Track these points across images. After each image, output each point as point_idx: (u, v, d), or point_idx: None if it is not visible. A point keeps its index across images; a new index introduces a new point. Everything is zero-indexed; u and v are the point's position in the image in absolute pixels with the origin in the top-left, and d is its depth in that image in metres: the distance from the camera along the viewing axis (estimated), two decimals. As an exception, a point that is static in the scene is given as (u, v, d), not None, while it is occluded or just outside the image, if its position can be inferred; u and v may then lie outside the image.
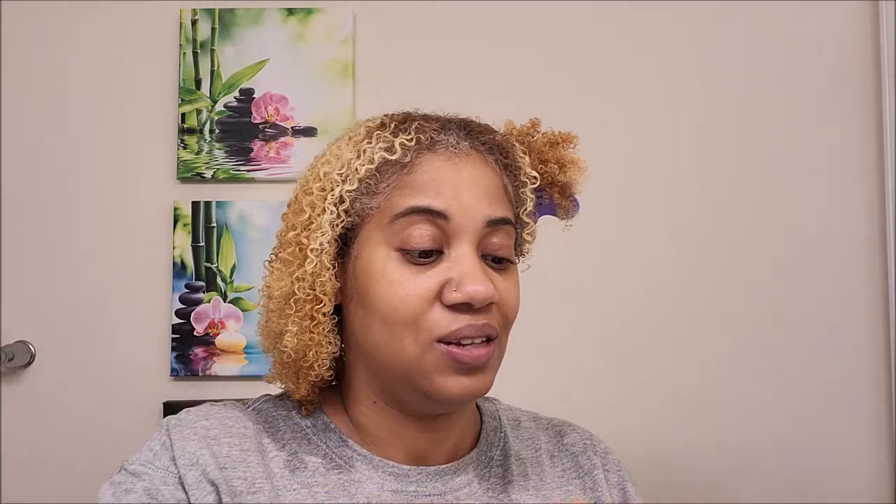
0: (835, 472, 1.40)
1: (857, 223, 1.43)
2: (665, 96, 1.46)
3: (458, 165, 0.67)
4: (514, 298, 0.70)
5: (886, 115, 1.41)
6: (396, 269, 0.65)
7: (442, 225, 0.65)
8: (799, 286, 1.43)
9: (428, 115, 0.72)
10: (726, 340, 1.43)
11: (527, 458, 0.77)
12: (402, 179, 0.67)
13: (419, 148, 0.67)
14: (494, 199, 0.68)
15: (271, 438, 0.70)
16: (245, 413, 0.72)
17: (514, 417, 0.82)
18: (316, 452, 0.69)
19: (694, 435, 1.41)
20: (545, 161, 0.74)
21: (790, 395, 1.41)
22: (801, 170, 1.44)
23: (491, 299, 0.65)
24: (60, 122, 1.49)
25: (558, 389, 1.40)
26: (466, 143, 0.69)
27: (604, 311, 1.44)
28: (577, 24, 1.48)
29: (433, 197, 0.66)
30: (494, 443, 0.77)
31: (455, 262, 0.65)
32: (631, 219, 1.44)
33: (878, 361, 1.41)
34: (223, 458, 0.66)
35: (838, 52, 1.45)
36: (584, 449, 0.80)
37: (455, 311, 0.64)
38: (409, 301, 0.64)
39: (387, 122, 0.70)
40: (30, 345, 1.45)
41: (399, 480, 0.69)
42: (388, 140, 0.67)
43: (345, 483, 0.67)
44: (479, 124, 0.72)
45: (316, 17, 1.48)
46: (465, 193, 0.66)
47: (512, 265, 0.70)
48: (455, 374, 0.65)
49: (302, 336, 0.67)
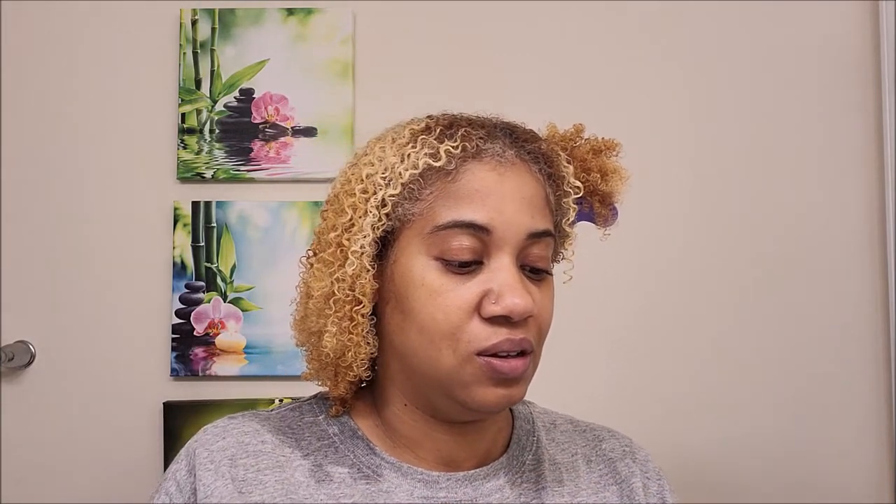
0: (835, 473, 1.40)
1: (857, 223, 1.43)
2: (664, 96, 1.46)
3: (503, 176, 0.66)
4: (549, 311, 0.70)
5: (886, 115, 1.41)
6: (436, 278, 0.65)
7: (483, 238, 0.65)
8: (799, 286, 1.43)
9: (474, 119, 0.71)
10: (726, 341, 1.43)
11: (562, 463, 0.76)
12: (447, 188, 0.66)
13: (464, 156, 0.66)
14: (537, 210, 0.67)
15: (294, 448, 0.70)
16: (265, 424, 0.72)
17: (550, 421, 0.81)
18: (343, 462, 0.69)
19: (693, 435, 1.41)
20: (588, 170, 0.74)
21: (790, 395, 1.41)
22: (801, 170, 1.44)
23: (530, 313, 0.65)
24: (60, 122, 1.49)
25: (560, 390, 1.40)
26: (512, 151, 0.68)
27: (603, 312, 1.44)
28: (577, 24, 1.48)
29: (477, 209, 0.65)
30: (527, 447, 0.76)
31: (495, 274, 0.65)
32: (630, 219, 1.44)
33: (878, 361, 1.41)
34: (239, 483, 0.66)
35: (838, 52, 1.45)
36: (623, 455, 0.79)
37: (494, 324, 0.64)
38: (448, 312, 0.64)
39: (432, 125, 0.69)
40: (30, 345, 1.45)
41: (429, 487, 0.68)
42: (434, 146, 0.67)
43: (373, 493, 0.67)
44: (525, 131, 0.71)
45: (316, 17, 1.48)
46: (509, 205, 0.66)
47: (549, 276, 0.70)
48: (492, 386, 0.65)
49: (341, 336, 0.67)
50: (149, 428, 1.43)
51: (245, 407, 1.40)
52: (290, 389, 1.41)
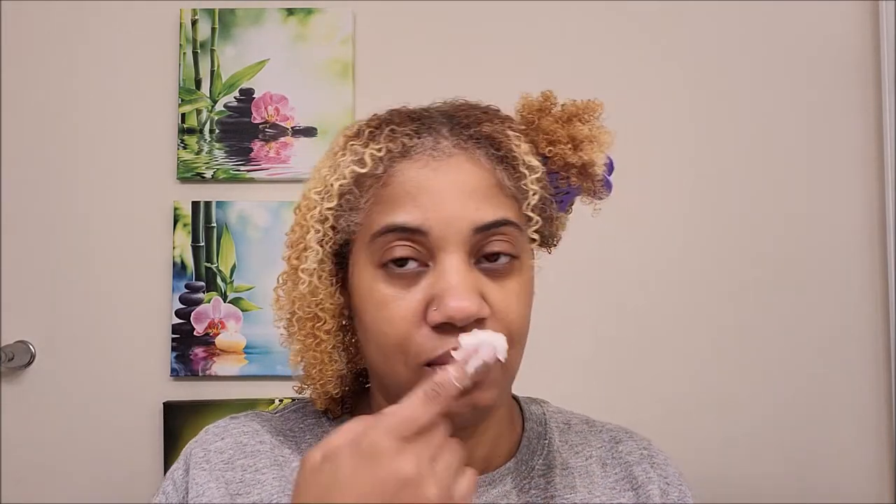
0: (835, 473, 1.40)
1: (857, 223, 1.43)
2: (665, 96, 1.46)
3: (436, 171, 0.61)
4: (516, 309, 0.62)
5: (886, 115, 1.41)
6: (382, 289, 0.61)
7: (422, 240, 0.60)
8: (799, 286, 1.43)
9: (409, 112, 0.66)
10: (726, 341, 1.42)
11: (575, 467, 0.71)
12: (380, 192, 0.62)
13: (392, 156, 0.62)
14: (484, 200, 0.61)
15: (294, 450, 0.69)
16: (266, 424, 0.71)
17: (565, 421, 0.76)
18: None
19: (693, 435, 1.41)
20: (554, 141, 0.66)
21: (790, 395, 1.41)
22: (801, 170, 1.44)
23: (475, 316, 0.59)
24: (60, 122, 1.49)
25: (556, 388, 1.40)
26: (448, 141, 0.63)
27: (603, 312, 1.44)
28: (577, 23, 1.48)
29: (409, 211, 0.60)
30: (537, 451, 0.72)
31: (438, 277, 0.60)
32: (630, 218, 1.44)
33: (878, 362, 1.41)
34: (236, 485, 0.65)
35: (838, 52, 1.45)
36: (641, 459, 0.74)
37: (441, 332, 0.59)
38: (394, 323, 0.60)
39: (363, 128, 0.65)
40: (30, 345, 1.45)
41: None
42: (359, 152, 0.62)
43: None
44: (469, 114, 0.65)
45: (316, 17, 1.48)
46: (447, 201, 0.60)
47: (516, 271, 0.63)
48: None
49: (306, 354, 0.67)
50: (149, 428, 1.43)
51: (245, 407, 1.40)
52: (290, 389, 1.40)
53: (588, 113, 0.68)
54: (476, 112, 0.65)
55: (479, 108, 0.66)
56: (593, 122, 0.67)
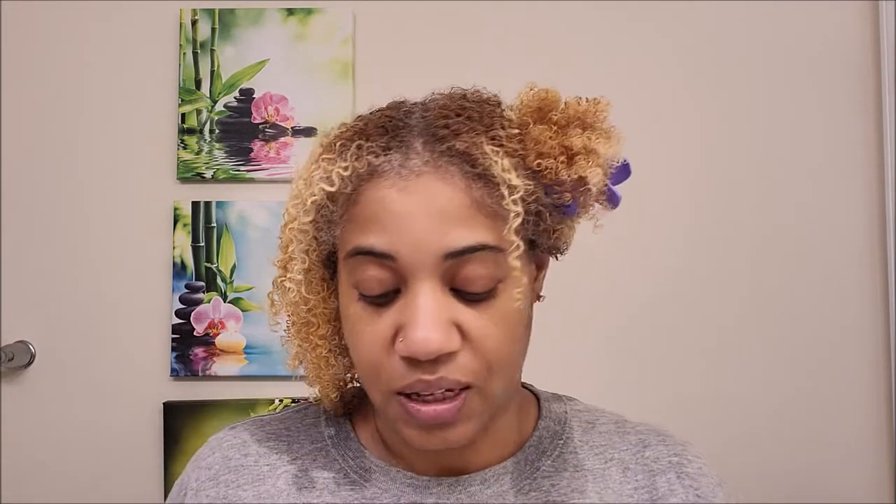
0: (835, 473, 1.40)
1: (857, 223, 1.43)
2: (665, 96, 1.46)
3: (404, 191, 0.56)
4: (496, 336, 0.58)
5: (886, 115, 1.41)
6: (357, 309, 0.59)
7: (391, 265, 0.56)
8: (799, 285, 1.43)
9: (384, 122, 0.61)
10: (725, 341, 1.42)
11: (590, 470, 0.66)
12: (351, 211, 0.58)
13: (360, 175, 0.58)
14: (456, 224, 0.56)
15: (283, 453, 0.68)
16: (258, 432, 0.70)
17: (590, 420, 0.71)
18: (331, 467, 0.66)
19: (693, 435, 1.41)
20: (544, 154, 0.58)
21: (790, 395, 1.41)
22: (801, 170, 1.44)
23: (439, 352, 0.55)
24: (60, 122, 1.49)
25: (560, 389, 1.40)
26: (418, 158, 0.57)
27: (602, 311, 1.44)
28: (578, 24, 1.48)
29: (377, 234, 0.56)
30: (548, 451, 0.67)
31: (407, 304, 0.56)
32: (630, 218, 1.44)
33: (878, 361, 1.41)
34: (219, 502, 0.66)
35: (838, 52, 1.45)
36: (667, 468, 0.67)
37: (408, 362, 0.56)
38: (366, 347, 0.58)
39: (335, 141, 0.61)
40: (30, 345, 1.45)
41: (418, 492, 0.64)
42: (327, 170, 0.59)
43: (356, 499, 0.64)
44: (448, 123, 0.58)
45: (316, 17, 1.48)
46: (413, 226, 0.55)
47: (499, 295, 0.58)
48: (417, 429, 0.58)
49: (303, 357, 0.67)
50: (149, 428, 1.43)
51: (245, 407, 1.40)
52: (290, 389, 1.41)
53: (591, 116, 0.61)
54: (457, 121, 0.58)
55: (463, 114, 0.59)
56: (596, 128, 0.61)
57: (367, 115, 0.64)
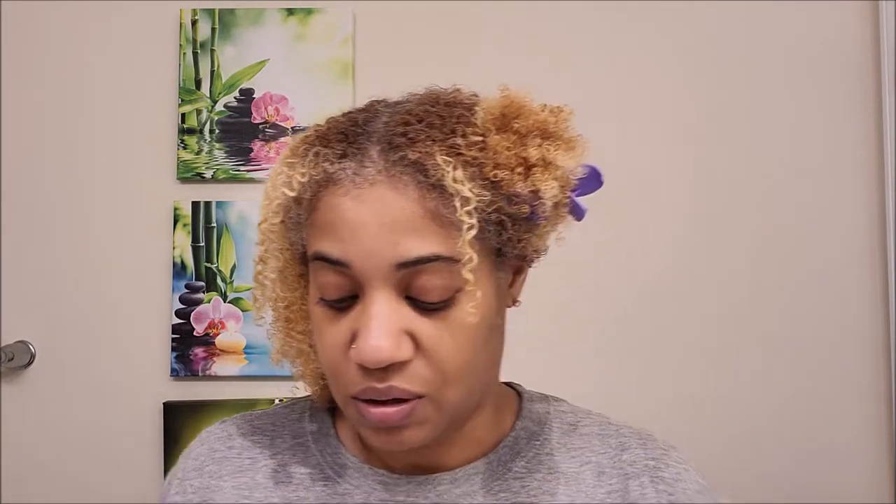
0: (835, 473, 1.40)
1: (857, 223, 1.43)
2: (665, 95, 1.46)
3: (358, 199, 0.56)
4: (450, 345, 0.57)
5: (886, 115, 1.41)
6: (319, 311, 0.60)
7: (346, 272, 0.57)
8: (799, 286, 1.43)
9: (344, 129, 0.60)
10: (725, 341, 1.42)
11: (564, 473, 0.65)
12: (312, 216, 0.59)
13: (317, 182, 0.58)
14: (410, 234, 0.55)
15: (264, 448, 0.69)
16: (245, 426, 0.72)
17: (572, 422, 0.70)
18: (308, 462, 0.68)
19: (693, 435, 1.41)
20: (500, 165, 0.57)
21: (790, 395, 1.41)
22: (801, 170, 1.44)
23: (388, 361, 0.55)
24: (60, 122, 1.49)
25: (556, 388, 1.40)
26: (373, 167, 0.56)
27: (601, 311, 1.44)
28: (578, 24, 1.48)
29: (332, 242, 0.57)
30: (523, 452, 0.67)
31: (362, 312, 0.57)
32: (629, 218, 1.44)
33: (878, 362, 1.41)
34: (202, 491, 0.67)
35: (838, 52, 1.45)
36: (642, 472, 0.65)
37: (361, 368, 0.57)
38: (326, 350, 0.59)
39: (299, 145, 0.61)
40: (30, 345, 1.45)
41: (388, 489, 0.65)
42: (288, 175, 0.60)
43: (328, 495, 0.65)
44: (406, 131, 0.57)
45: (316, 17, 1.48)
46: (365, 235, 0.56)
47: (456, 304, 0.57)
48: (373, 431, 0.60)
49: (286, 352, 0.69)
50: (149, 428, 1.43)
51: (245, 407, 1.40)
52: (289, 390, 1.41)
53: (552, 126, 0.59)
54: (415, 128, 0.57)
55: (425, 119, 0.58)
56: (557, 137, 0.59)
57: (335, 116, 0.63)
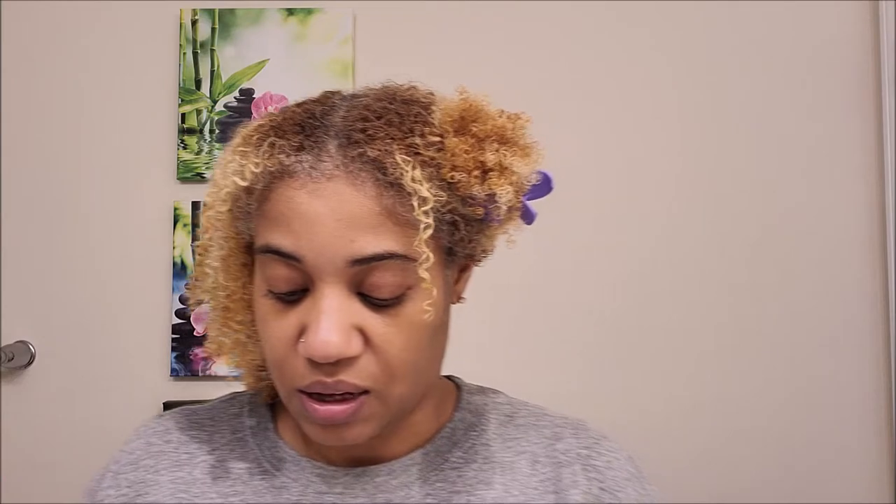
0: (835, 472, 1.40)
1: (857, 223, 1.43)
2: (664, 95, 1.46)
3: (314, 193, 0.55)
4: (399, 342, 0.58)
5: (886, 114, 1.41)
6: (265, 303, 0.59)
7: (297, 266, 0.56)
8: (798, 285, 1.43)
9: (301, 121, 0.59)
10: (725, 341, 1.42)
11: (499, 462, 0.66)
12: (263, 207, 0.58)
13: (271, 174, 0.57)
14: (364, 231, 0.55)
15: (203, 443, 0.69)
16: (183, 420, 0.72)
17: (510, 413, 0.71)
18: (246, 457, 0.67)
19: (693, 435, 1.41)
20: (458, 167, 0.57)
21: (790, 395, 1.41)
22: (801, 170, 1.44)
23: (337, 356, 0.55)
24: (60, 122, 1.49)
25: (557, 388, 1.40)
26: (331, 161, 0.56)
27: (601, 311, 1.44)
28: (577, 23, 1.48)
29: (284, 235, 0.56)
30: (459, 442, 0.67)
31: (312, 306, 0.56)
32: (629, 219, 1.44)
33: (878, 361, 1.41)
34: (138, 485, 0.67)
35: (838, 52, 1.45)
36: (574, 460, 0.66)
37: (310, 362, 0.57)
38: (272, 343, 0.59)
39: (252, 134, 0.60)
40: (30, 345, 1.45)
41: (326, 482, 0.65)
42: (241, 164, 0.58)
43: (265, 489, 0.65)
44: (364, 127, 0.57)
45: (316, 17, 1.48)
46: (320, 230, 0.55)
47: (407, 301, 0.58)
48: (317, 426, 0.59)
49: (222, 342, 0.68)
50: (149, 428, 1.43)
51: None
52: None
53: (509, 132, 0.59)
54: (374, 125, 0.57)
55: (384, 116, 0.58)
56: (514, 144, 0.59)
57: (291, 107, 0.62)
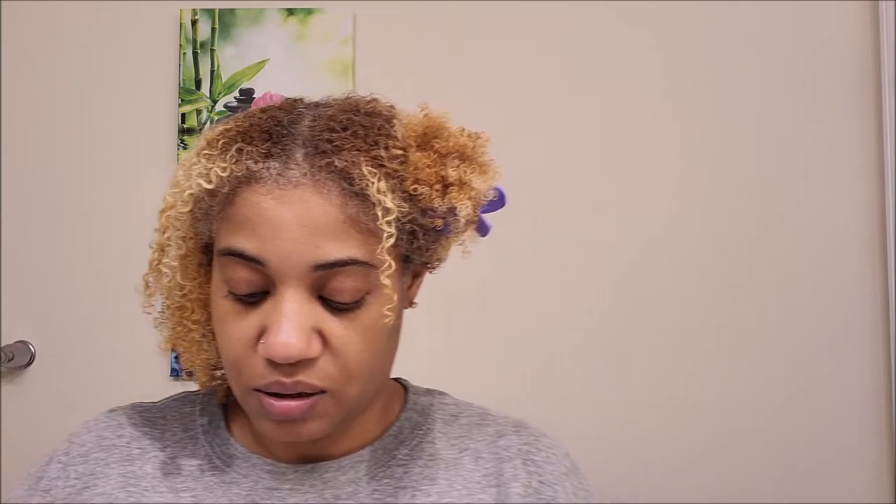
0: (835, 472, 1.40)
1: (857, 223, 1.43)
2: (664, 96, 1.46)
3: (280, 200, 0.57)
4: (357, 345, 0.60)
5: (886, 114, 1.41)
6: (224, 304, 0.61)
7: (260, 269, 0.58)
8: (798, 286, 1.43)
9: (268, 128, 0.61)
10: (725, 341, 1.42)
11: (444, 459, 0.69)
12: (226, 210, 0.60)
13: (237, 178, 0.59)
14: (329, 237, 0.57)
15: (155, 440, 0.71)
16: (136, 417, 0.74)
17: (454, 413, 0.73)
18: (197, 454, 0.69)
19: (693, 435, 1.41)
20: (420, 181, 0.60)
21: (790, 395, 1.41)
22: (801, 170, 1.44)
23: (298, 357, 0.57)
24: (60, 122, 1.49)
25: (557, 389, 1.40)
26: (297, 169, 0.58)
27: (599, 312, 1.44)
28: (577, 24, 1.48)
29: (248, 239, 0.58)
30: (406, 440, 0.70)
31: (273, 308, 0.59)
32: (630, 218, 1.44)
33: (878, 361, 1.41)
34: (87, 477, 0.68)
35: (838, 52, 1.45)
36: (515, 455, 0.69)
37: (269, 363, 0.59)
38: (230, 343, 0.61)
39: (218, 139, 0.61)
40: (30, 345, 1.45)
41: (275, 478, 0.66)
42: (207, 167, 0.60)
43: (216, 485, 0.67)
44: (331, 138, 0.59)
45: (316, 17, 1.48)
46: (286, 235, 0.57)
47: (366, 305, 0.60)
48: (272, 423, 0.61)
49: (177, 341, 0.69)
50: (149, 428, 1.43)
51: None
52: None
53: (470, 150, 0.62)
54: (341, 136, 0.60)
55: (350, 128, 0.60)
56: (474, 161, 0.62)
57: (256, 113, 0.64)
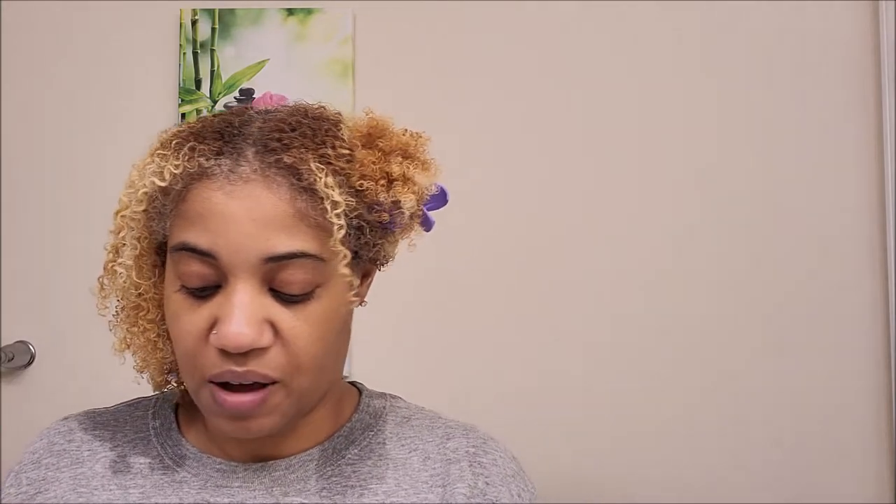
0: (835, 473, 1.40)
1: (857, 223, 1.43)
2: (663, 96, 1.46)
3: (230, 195, 0.60)
4: (307, 336, 0.62)
5: (886, 114, 1.41)
6: (177, 299, 0.63)
7: (212, 262, 0.61)
8: (798, 286, 1.42)
9: (220, 128, 0.65)
10: (725, 341, 1.42)
11: (393, 459, 0.71)
12: (179, 207, 0.63)
13: (190, 175, 0.62)
14: (279, 231, 0.60)
15: (105, 441, 0.72)
16: (87, 422, 0.75)
17: (406, 416, 0.76)
18: (149, 454, 0.71)
19: (692, 435, 1.41)
20: (367, 176, 0.64)
21: (789, 394, 1.41)
22: (801, 170, 1.44)
23: (249, 347, 0.60)
24: (60, 121, 1.49)
25: (558, 389, 1.40)
26: (248, 166, 0.61)
27: (600, 311, 1.44)
28: (578, 24, 1.48)
29: (199, 233, 0.61)
30: (356, 440, 0.72)
31: (224, 300, 0.61)
32: (629, 218, 1.44)
33: (878, 362, 1.41)
34: (38, 483, 0.70)
35: (838, 52, 1.45)
36: (462, 457, 0.71)
37: (221, 353, 0.61)
38: (183, 336, 0.63)
39: (171, 139, 0.65)
40: (30, 345, 1.45)
41: (225, 476, 0.68)
42: (160, 165, 0.63)
43: (166, 483, 0.68)
44: (280, 137, 0.63)
45: (316, 17, 1.48)
46: (236, 228, 0.60)
47: (316, 298, 0.63)
48: (224, 417, 0.63)
49: (131, 341, 0.71)
50: (149, 428, 1.43)
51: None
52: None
53: (412, 148, 0.66)
54: (290, 135, 0.63)
55: (298, 129, 0.64)
56: (416, 158, 0.66)
57: (208, 117, 0.68)
